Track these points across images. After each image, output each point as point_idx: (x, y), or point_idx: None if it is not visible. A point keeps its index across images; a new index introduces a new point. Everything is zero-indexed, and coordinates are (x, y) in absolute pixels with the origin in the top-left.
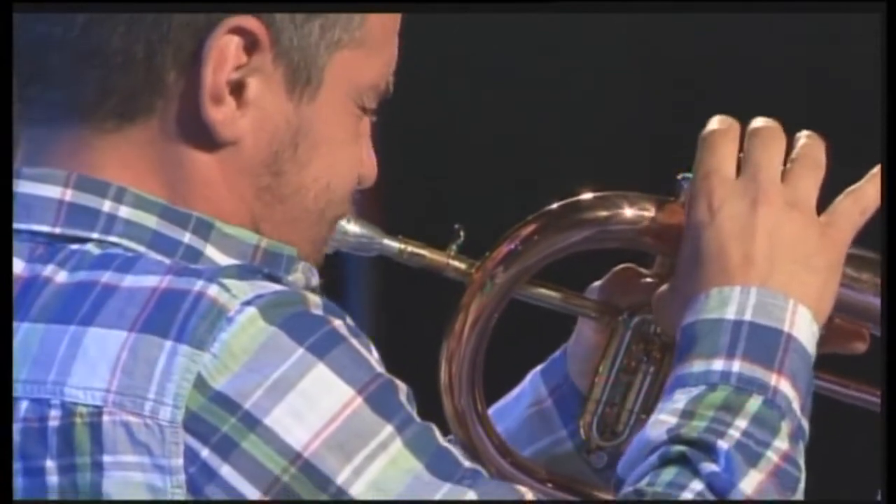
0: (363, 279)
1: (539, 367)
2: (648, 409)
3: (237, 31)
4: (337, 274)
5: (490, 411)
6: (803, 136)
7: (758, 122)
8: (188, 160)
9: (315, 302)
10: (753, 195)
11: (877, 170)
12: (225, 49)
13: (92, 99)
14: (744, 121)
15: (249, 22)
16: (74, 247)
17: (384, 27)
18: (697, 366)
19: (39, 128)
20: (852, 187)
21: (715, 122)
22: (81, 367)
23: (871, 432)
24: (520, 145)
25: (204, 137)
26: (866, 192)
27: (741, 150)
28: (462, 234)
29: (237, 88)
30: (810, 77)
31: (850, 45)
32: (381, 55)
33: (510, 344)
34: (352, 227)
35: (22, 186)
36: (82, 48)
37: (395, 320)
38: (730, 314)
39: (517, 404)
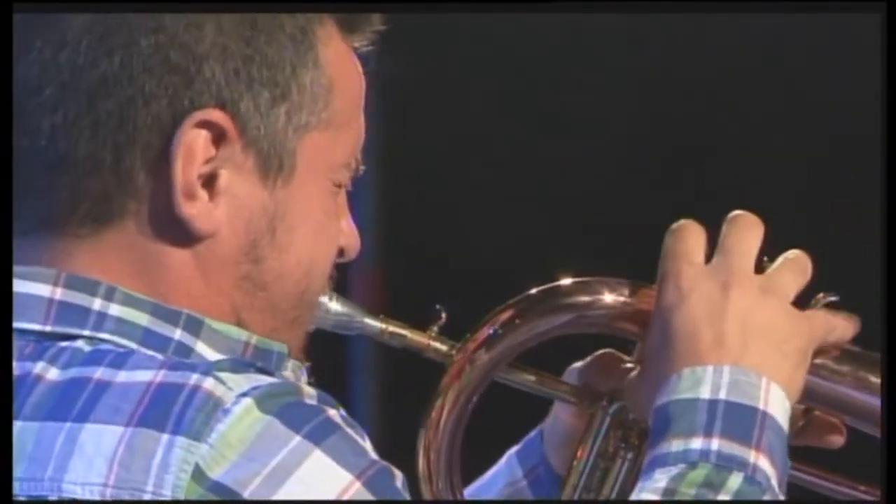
0: (364, 364)
1: (515, 449)
2: (626, 495)
3: (203, 124)
4: (338, 359)
5: (466, 491)
6: (794, 251)
7: (737, 212)
8: (166, 258)
9: (309, 392)
10: (725, 278)
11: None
12: (192, 144)
13: (64, 207)
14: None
15: (214, 115)
16: (64, 344)
17: (350, 104)
18: (676, 445)
19: (18, 240)
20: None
21: (681, 221)
22: (78, 462)
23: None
24: (504, 226)
25: (180, 233)
26: (840, 323)
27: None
28: (443, 315)
29: (209, 181)
30: (811, 78)
31: (850, 47)
32: (349, 132)
33: (486, 422)
34: (333, 305)
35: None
36: (51, 157)
37: (396, 405)
38: (704, 393)
39: (492, 485)
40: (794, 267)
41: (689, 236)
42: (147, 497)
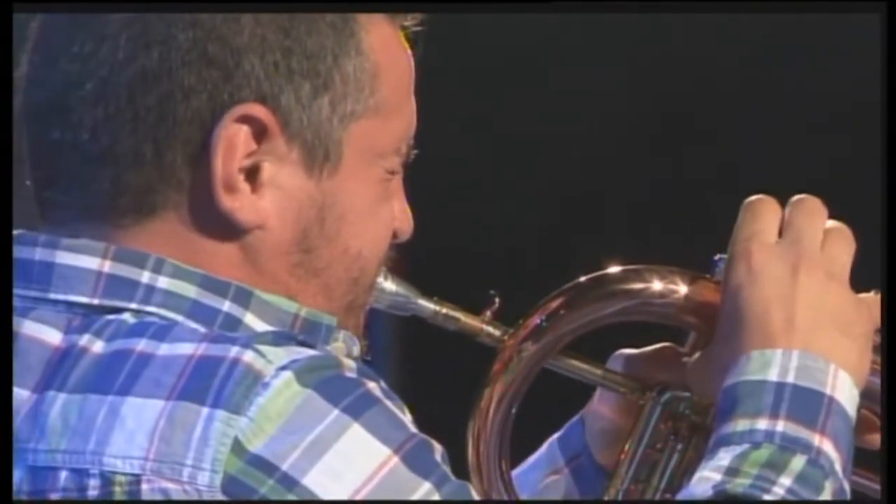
0: (388, 343)
1: (556, 436)
2: (674, 487)
3: (244, 119)
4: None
5: None
6: (836, 223)
7: (801, 195)
8: (213, 247)
9: (349, 365)
10: (795, 260)
11: None
12: (233, 138)
13: (106, 198)
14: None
15: (255, 109)
16: (111, 317)
17: (398, 90)
18: (741, 425)
19: (60, 229)
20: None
21: (758, 196)
22: (119, 436)
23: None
24: (559, 212)
25: (225, 225)
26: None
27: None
28: (497, 300)
29: (251, 173)
30: (810, 78)
31: (850, 47)
32: (399, 118)
33: (528, 408)
34: (388, 285)
35: (60, 257)
36: (93, 151)
37: (421, 385)
38: (772, 376)
39: (533, 472)
40: (845, 240)
41: (764, 214)
42: (187, 471)
